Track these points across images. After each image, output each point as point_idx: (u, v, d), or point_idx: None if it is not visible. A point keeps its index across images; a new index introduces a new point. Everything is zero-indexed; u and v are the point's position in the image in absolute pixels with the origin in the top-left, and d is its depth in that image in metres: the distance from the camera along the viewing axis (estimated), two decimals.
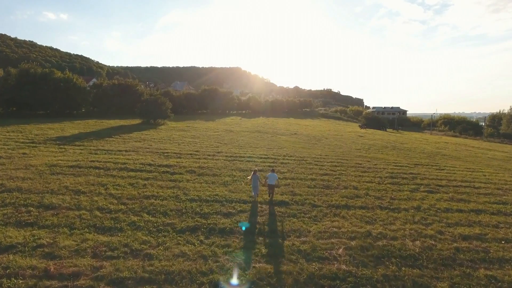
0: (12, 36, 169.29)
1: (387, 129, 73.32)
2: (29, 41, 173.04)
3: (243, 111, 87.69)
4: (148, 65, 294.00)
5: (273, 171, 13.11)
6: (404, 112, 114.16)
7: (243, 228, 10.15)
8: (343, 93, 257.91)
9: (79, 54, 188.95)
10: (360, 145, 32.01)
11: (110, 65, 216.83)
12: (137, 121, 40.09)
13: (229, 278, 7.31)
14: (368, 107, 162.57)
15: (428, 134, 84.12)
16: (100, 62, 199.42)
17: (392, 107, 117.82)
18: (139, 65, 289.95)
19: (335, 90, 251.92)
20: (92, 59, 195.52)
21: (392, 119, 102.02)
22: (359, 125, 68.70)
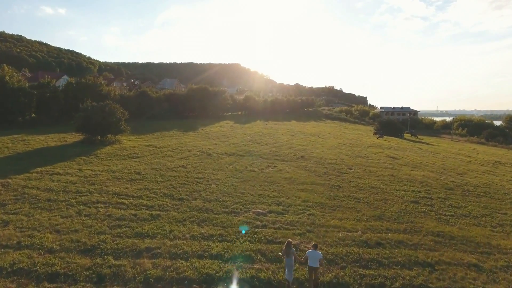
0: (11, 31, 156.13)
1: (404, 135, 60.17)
2: (17, 35, 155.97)
3: (239, 112, 74.76)
4: (144, 62, 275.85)
5: (315, 247, 8.44)
6: (415, 112, 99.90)
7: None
8: (345, 90, 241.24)
9: (72, 49, 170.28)
10: (409, 185, 19.01)
11: (104, 61, 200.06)
12: (78, 137, 27.04)
13: None
14: (372, 105, 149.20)
15: (448, 139, 71.01)
16: (92, 57, 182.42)
17: (402, 107, 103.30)
18: (136, 61, 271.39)
19: (337, 87, 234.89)
20: (85, 54, 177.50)
21: (402, 120, 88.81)
22: (374, 133, 55.52)
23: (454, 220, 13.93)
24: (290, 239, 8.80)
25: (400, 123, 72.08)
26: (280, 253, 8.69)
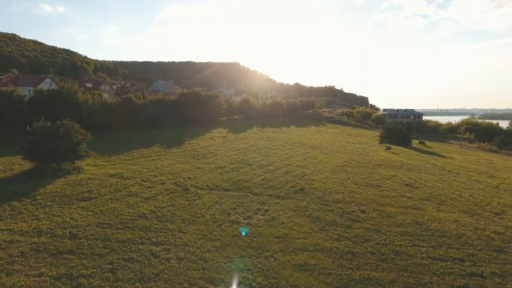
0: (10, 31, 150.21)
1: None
2: (11, 34, 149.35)
3: (236, 116, 69.73)
4: (144, 60, 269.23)
5: None
6: (420, 115, 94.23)
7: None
8: (346, 90, 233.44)
9: (67, 48, 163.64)
10: (444, 246, 13.88)
11: (102, 60, 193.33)
12: (30, 164, 21.83)
13: None
14: (373, 106, 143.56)
15: (457, 146, 65.71)
16: (90, 56, 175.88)
17: (405, 110, 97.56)
18: (135, 60, 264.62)
19: (338, 87, 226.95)
20: (80, 53, 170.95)
21: (407, 123, 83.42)
22: (379, 141, 50.23)
23: None
24: None
25: (405, 127, 66.87)
26: None
